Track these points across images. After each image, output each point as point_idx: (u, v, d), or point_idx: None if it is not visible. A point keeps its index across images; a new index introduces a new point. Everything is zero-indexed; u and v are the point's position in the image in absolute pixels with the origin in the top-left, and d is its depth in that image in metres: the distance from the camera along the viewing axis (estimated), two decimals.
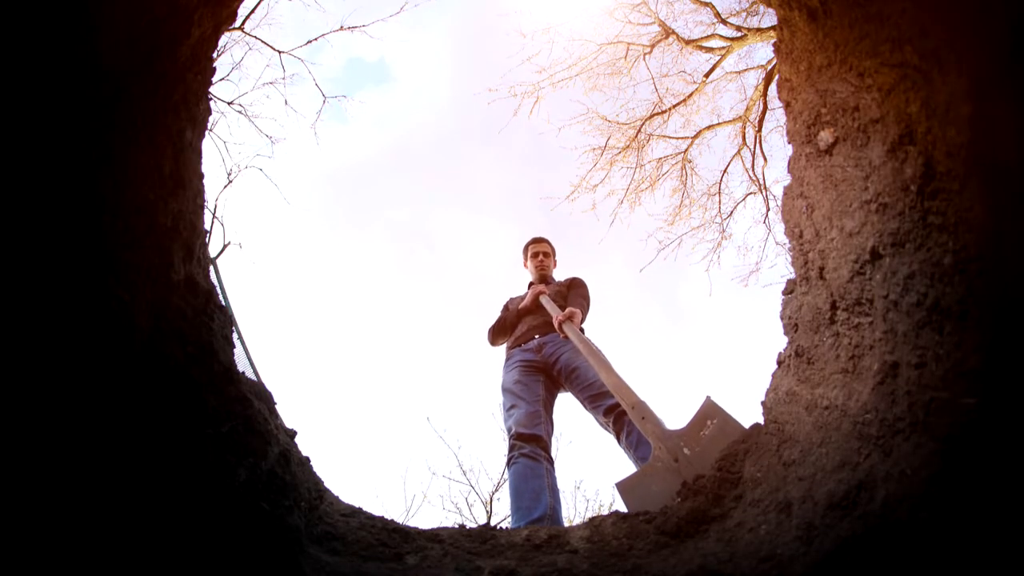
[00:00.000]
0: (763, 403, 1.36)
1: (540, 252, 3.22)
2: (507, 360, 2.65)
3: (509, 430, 2.29)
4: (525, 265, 3.31)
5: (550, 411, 2.42)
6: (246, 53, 8.28)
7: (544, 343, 2.55)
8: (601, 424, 2.20)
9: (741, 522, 1.09)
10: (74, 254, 0.91)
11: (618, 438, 2.10)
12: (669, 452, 1.59)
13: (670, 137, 7.55)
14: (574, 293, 2.85)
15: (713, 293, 8.48)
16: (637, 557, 1.08)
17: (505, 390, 2.49)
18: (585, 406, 2.29)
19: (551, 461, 2.19)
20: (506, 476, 2.21)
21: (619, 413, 2.08)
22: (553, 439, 2.36)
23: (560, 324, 2.43)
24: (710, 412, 1.62)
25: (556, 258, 3.28)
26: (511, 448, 2.21)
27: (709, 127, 7.49)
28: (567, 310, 2.49)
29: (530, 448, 2.16)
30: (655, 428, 1.73)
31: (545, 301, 2.74)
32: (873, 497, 0.82)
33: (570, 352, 2.44)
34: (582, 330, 2.64)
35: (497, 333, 2.94)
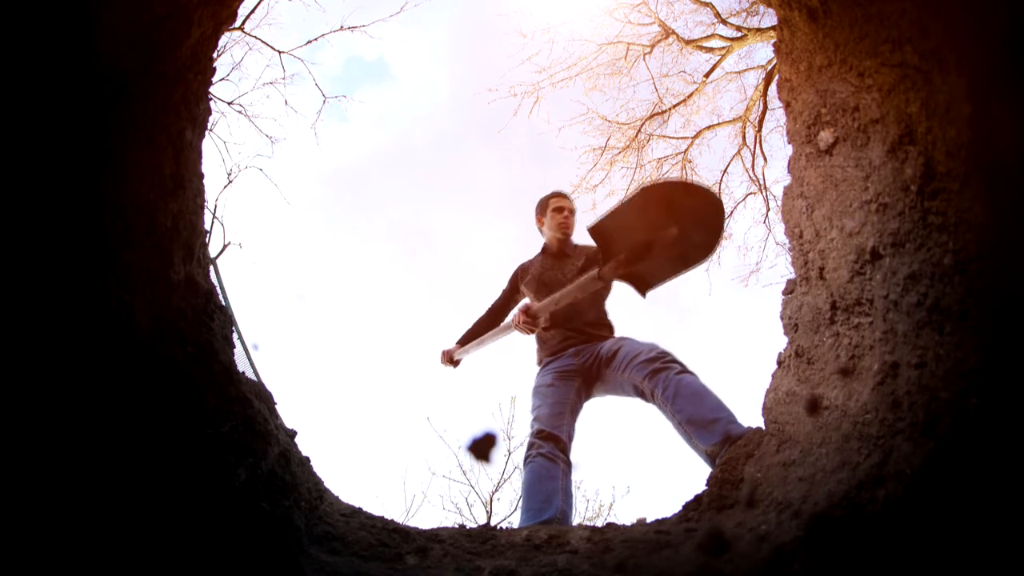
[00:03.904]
0: (763, 404, 1.36)
1: (566, 208, 2.64)
2: (543, 367, 2.51)
3: (531, 427, 2.26)
4: (540, 222, 2.72)
5: (575, 416, 2.33)
6: (246, 53, 8.27)
7: (581, 350, 2.46)
8: (638, 391, 2.12)
9: (742, 522, 1.09)
10: (75, 254, 0.91)
11: (652, 396, 2.03)
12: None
13: (670, 137, 7.56)
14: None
15: (713, 293, 8.48)
16: (638, 557, 1.08)
17: (535, 391, 2.41)
18: (626, 379, 2.17)
19: (568, 464, 2.14)
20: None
21: (652, 371, 2.02)
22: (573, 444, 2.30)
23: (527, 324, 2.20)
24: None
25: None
26: (529, 446, 2.16)
27: (709, 127, 7.49)
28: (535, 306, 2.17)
29: (548, 448, 2.11)
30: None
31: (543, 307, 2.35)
32: (873, 497, 0.82)
33: (611, 342, 2.35)
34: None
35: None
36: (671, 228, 1.58)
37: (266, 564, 0.93)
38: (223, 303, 1.29)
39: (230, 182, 8.75)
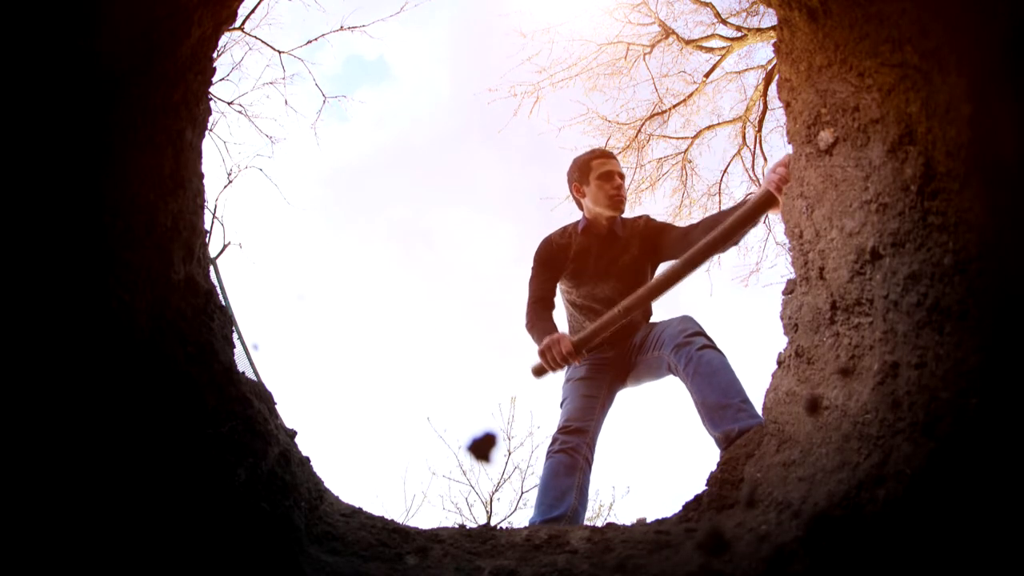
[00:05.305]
0: (763, 403, 1.36)
1: (616, 173, 2.10)
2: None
3: (559, 419, 2.19)
4: (578, 192, 2.19)
5: (605, 409, 2.27)
6: (246, 53, 8.31)
7: (617, 342, 2.30)
8: (667, 365, 2.05)
9: (742, 522, 1.09)
10: (75, 254, 0.91)
11: (676, 370, 1.99)
12: None
13: (670, 137, 7.56)
14: (680, 238, 1.97)
15: (713, 293, 8.49)
16: (638, 558, 1.08)
17: (567, 382, 2.32)
18: (660, 356, 2.08)
19: (589, 461, 2.09)
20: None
21: (676, 345, 1.98)
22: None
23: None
24: None
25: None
26: (552, 440, 2.12)
27: (709, 127, 7.50)
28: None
29: (573, 443, 2.07)
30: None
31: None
32: (873, 497, 0.82)
33: (644, 328, 2.26)
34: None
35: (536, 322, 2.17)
36: None
37: (266, 564, 0.93)
38: (223, 303, 1.29)
39: (230, 182, 8.77)
